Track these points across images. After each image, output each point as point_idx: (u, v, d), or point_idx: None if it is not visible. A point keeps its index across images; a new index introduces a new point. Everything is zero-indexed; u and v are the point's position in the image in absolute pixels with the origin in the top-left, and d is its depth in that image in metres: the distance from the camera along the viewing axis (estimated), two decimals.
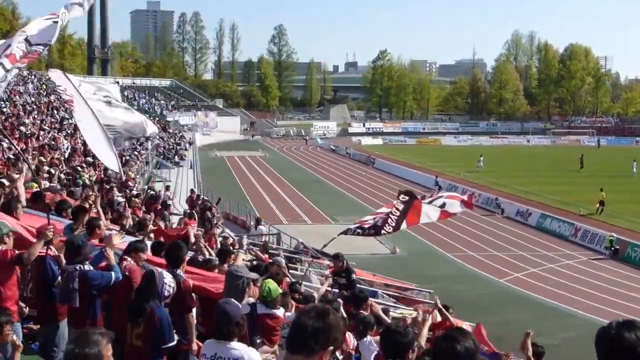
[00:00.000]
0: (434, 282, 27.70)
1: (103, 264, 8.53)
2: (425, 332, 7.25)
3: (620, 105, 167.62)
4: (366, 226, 14.83)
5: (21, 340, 7.94)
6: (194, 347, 7.96)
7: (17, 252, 8.04)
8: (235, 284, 7.99)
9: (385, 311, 12.82)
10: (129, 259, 8.74)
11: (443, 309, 11.35)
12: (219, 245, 16.47)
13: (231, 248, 14.88)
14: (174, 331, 7.43)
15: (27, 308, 8.82)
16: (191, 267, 9.68)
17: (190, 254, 10.73)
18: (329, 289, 14.02)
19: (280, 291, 8.94)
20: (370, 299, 12.66)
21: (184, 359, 7.99)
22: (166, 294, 7.37)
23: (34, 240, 8.39)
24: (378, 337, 8.68)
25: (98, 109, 12.97)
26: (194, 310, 8.59)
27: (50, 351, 8.68)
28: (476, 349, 4.30)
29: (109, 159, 13.34)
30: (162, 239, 12.09)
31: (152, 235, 13.25)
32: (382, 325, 9.33)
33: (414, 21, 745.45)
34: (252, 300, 8.35)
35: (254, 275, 8.49)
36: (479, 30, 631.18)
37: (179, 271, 8.17)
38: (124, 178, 19.90)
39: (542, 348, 10.48)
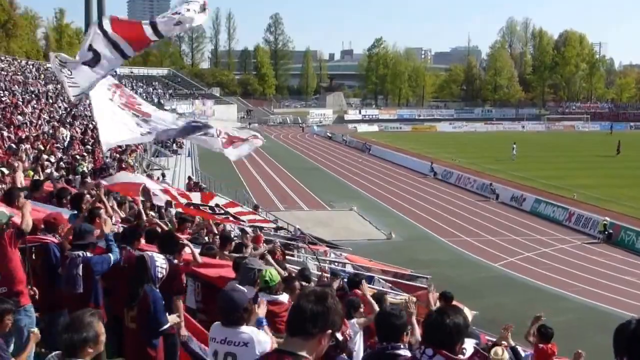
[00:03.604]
0: (429, 267, 27.86)
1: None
2: (415, 325, 7.27)
3: (614, 90, 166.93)
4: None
5: (35, 322, 8.10)
6: (183, 332, 8.09)
7: (12, 229, 7.95)
8: (247, 275, 8.24)
9: (381, 295, 12.97)
10: (127, 247, 8.93)
11: (431, 299, 11.27)
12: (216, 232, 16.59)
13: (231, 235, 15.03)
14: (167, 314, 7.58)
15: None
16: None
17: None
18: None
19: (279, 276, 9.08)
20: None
21: (172, 342, 8.10)
22: (159, 276, 7.54)
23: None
24: (362, 319, 8.89)
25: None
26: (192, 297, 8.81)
27: (56, 338, 8.84)
28: (466, 326, 4.56)
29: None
30: None
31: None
32: (370, 306, 9.45)
33: (409, 9, 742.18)
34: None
35: (266, 267, 8.70)
36: (474, 18, 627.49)
37: (171, 257, 8.28)
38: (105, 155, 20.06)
39: (551, 330, 10.67)
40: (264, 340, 5.59)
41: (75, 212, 10.40)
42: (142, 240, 9.64)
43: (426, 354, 4.38)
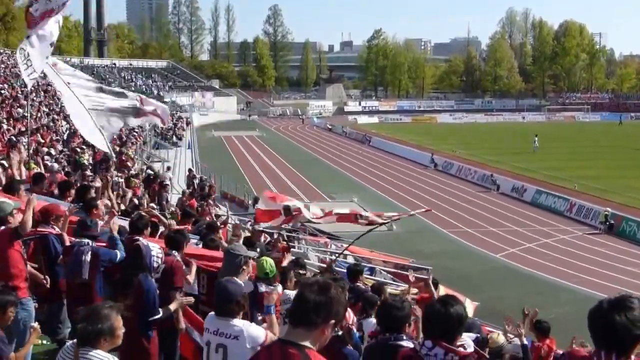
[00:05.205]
0: (430, 258, 27.82)
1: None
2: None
3: (614, 81, 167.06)
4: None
5: (34, 315, 8.06)
6: (182, 325, 8.00)
7: (9, 229, 7.95)
8: (233, 262, 8.15)
9: (380, 287, 12.90)
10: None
11: (431, 285, 11.41)
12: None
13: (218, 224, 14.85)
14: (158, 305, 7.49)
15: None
16: (193, 248, 9.81)
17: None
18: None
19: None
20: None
21: (172, 335, 8.07)
22: (155, 265, 7.52)
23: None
24: None
25: (85, 94, 13.38)
26: (195, 287, 8.75)
27: (56, 328, 8.79)
28: (466, 315, 4.52)
29: (97, 140, 13.63)
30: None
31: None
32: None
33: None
34: (251, 279, 8.45)
35: (252, 253, 8.61)
36: (474, 8, 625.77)
37: (176, 252, 8.25)
38: (113, 157, 20.05)
39: (547, 324, 10.62)
40: (256, 334, 5.55)
41: (81, 204, 10.36)
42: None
43: (425, 346, 4.35)
